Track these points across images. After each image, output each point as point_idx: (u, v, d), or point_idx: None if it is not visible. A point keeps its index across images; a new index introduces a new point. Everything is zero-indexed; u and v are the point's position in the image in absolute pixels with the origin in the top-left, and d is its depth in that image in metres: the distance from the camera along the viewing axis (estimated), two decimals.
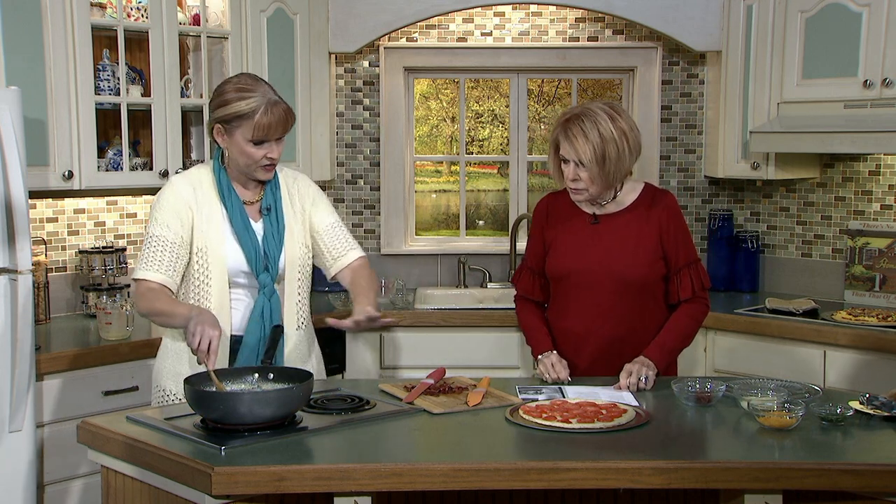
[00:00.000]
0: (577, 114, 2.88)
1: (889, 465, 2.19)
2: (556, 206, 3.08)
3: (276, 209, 2.84)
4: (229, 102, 2.70)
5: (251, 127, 2.69)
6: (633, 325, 2.96)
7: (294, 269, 2.86)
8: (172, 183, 2.83)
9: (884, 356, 3.64)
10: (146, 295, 2.72)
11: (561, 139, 2.90)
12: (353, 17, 4.50)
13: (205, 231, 2.77)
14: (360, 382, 3.00)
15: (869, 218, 4.33)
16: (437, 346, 4.09)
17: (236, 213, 2.79)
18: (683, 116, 4.76)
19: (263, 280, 2.79)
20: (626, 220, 2.98)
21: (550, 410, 2.51)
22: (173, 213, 2.76)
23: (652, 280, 2.97)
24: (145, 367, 3.50)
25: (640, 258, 2.94)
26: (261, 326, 2.78)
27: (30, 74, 3.48)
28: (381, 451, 2.30)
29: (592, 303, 2.96)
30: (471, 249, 4.85)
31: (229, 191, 2.80)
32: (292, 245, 2.85)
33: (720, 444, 2.41)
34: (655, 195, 3.02)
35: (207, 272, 2.78)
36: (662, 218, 2.97)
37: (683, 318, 2.99)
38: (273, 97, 2.73)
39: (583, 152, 2.84)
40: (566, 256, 3.00)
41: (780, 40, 4.18)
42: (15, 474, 3.09)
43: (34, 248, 3.58)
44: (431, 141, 5.54)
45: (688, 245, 3.01)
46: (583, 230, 3.00)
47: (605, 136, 2.84)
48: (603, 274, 2.94)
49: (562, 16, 4.72)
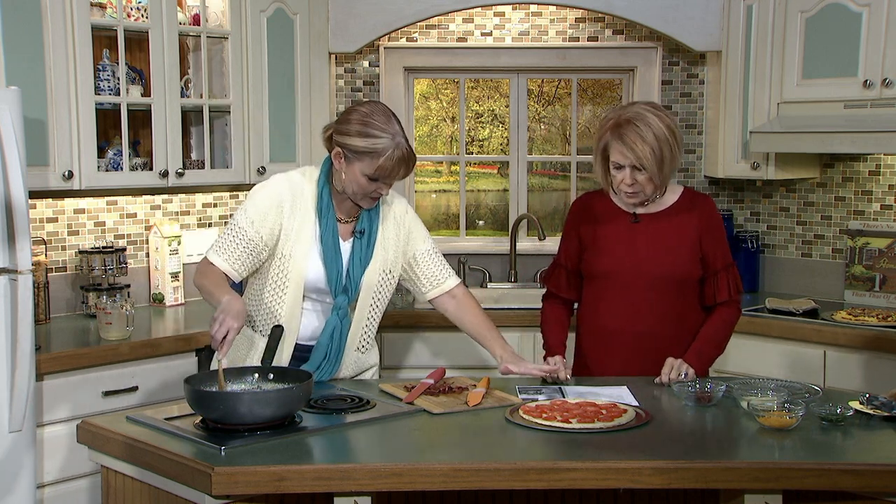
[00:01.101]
0: (628, 118, 2.85)
1: (889, 465, 2.19)
2: (594, 206, 3.06)
3: (370, 234, 2.86)
4: (356, 135, 2.70)
5: (374, 166, 2.70)
6: (667, 326, 2.97)
7: (369, 294, 2.89)
8: (275, 182, 2.83)
9: (884, 356, 3.64)
10: (204, 270, 2.78)
11: (614, 144, 2.86)
12: (353, 17, 4.50)
13: (293, 240, 2.79)
14: (360, 382, 3.01)
15: (869, 218, 4.33)
16: (437, 346, 4.09)
17: (329, 232, 2.80)
18: (683, 116, 4.76)
19: (340, 302, 2.82)
20: (666, 221, 2.99)
21: (550, 410, 2.51)
22: (263, 212, 2.78)
23: (690, 281, 2.98)
24: (145, 367, 3.51)
25: (679, 258, 2.95)
26: (327, 346, 2.82)
27: (30, 74, 3.48)
28: (381, 451, 2.30)
29: (630, 301, 2.96)
30: (471, 249, 4.85)
31: (328, 208, 2.81)
32: (373, 271, 2.87)
33: (720, 444, 2.41)
34: (695, 198, 3.04)
35: (286, 280, 2.80)
36: (703, 220, 2.98)
37: (720, 324, 3.01)
38: (402, 141, 2.72)
39: (643, 156, 2.82)
40: (606, 254, 2.99)
41: (780, 40, 4.18)
42: (15, 474, 3.09)
43: (34, 248, 3.58)
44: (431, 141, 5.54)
45: (725, 249, 3.02)
46: (623, 229, 3.00)
47: (659, 137, 2.83)
48: (642, 273, 2.95)
49: (562, 16, 4.72)
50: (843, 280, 4.36)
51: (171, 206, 4.34)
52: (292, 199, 2.80)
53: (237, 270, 2.78)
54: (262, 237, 2.78)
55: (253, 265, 2.81)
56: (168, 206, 4.33)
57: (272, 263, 2.82)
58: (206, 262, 2.79)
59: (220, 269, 2.77)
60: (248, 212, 2.79)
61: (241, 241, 2.77)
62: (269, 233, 2.78)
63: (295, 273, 2.80)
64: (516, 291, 4.64)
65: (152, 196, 4.27)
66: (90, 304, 3.89)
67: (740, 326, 4.00)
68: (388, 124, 2.72)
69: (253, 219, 2.77)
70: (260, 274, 2.86)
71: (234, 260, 2.77)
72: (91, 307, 3.87)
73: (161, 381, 3.52)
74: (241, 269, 2.79)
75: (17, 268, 3.07)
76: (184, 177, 3.94)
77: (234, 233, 2.78)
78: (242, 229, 2.78)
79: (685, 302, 3.00)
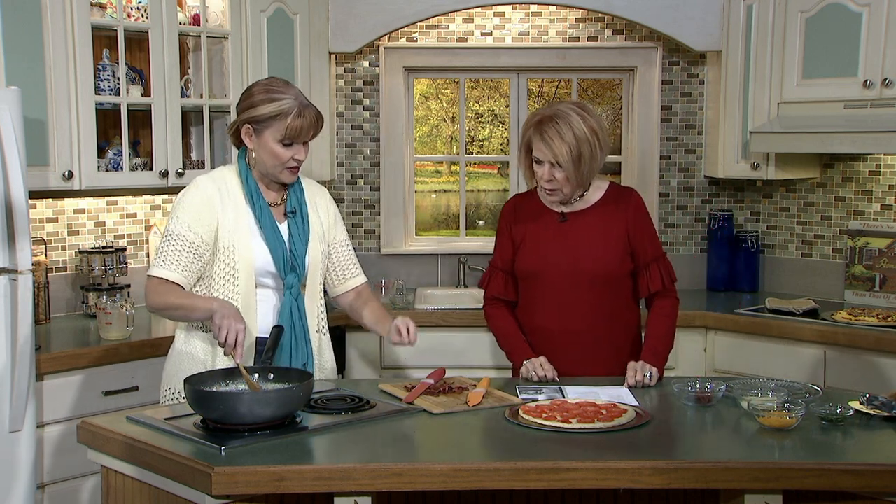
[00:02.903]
0: (550, 115, 2.90)
1: (889, 465, 2.19)
2: (524, 206, 3.11)
3: (302, 212, 2.87)
4: (261, 103, 2.73)
5: (282, 128, 2.72)
6: (603, 321, 3.00)
7: (316, 270, 2.90)
8: (197, 183, 2.83)
9: (884, 356, 3.64)
10: (158, 289, 2.73)
11: (535, 140, 2.92)
12: (353, 17, 4.50)
13: (231, 231, 2.78)
14: (360, 382, 3.01)
15: (869, 218, 4.33)
16: (437, 346, 4.09)
17: (264, 214, 2.80)
18: (683, 116, 4.76)
19: (290, 281, 2.81)
20: (593, 217, 3.02)
21: (550, 410, 2.51)
22: (196, 214, 2.76)
23: (620, 275, 3.01)
24: (145, 367, 3.51)
25: (608, 254, 2.99)
26: (290, 327, 2.80)
27: (30, 74, 3.48)
28: (381, 451, 2.30)
29: (563, 300, 3.00)
30: (471, 249, 4.85)
31: (257, 192, 2.81)
32: (315, 247, 2.88)
33: (720, 444, 2.41)
34: (621, 193, 3.07)
35: (234, 272, 2.78)
36: (629, 214, 3.02)
37: (662, 320, 3.04)
38: (304, 100, 2.76)
39: (559, 153, 2.87)
40: (535, 254, 3.03)
41: (780, 40, 4.18)
42: (15, 474, 3.09)
43: (34, 248, 3.58)
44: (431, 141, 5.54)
45: (654, 240, 3.06)
46: (551, 228, 3.03)
47: (578, 136, 2.87)
48: (572, 270, 2.98)
49: (562, 16, 4.72)
50: (843, 280, 4.36)
51: (171, 206, 4.34)
52: (220, 193, 2.80)
53: (187, 279, 2.74)
54: (202, 237, 2.75)
55: (199, 270, 2.78)
56: (168, 206, 4.33)
57: (216, 260, 2.79)
58: (157, 282, 2.73)
59: (173, 282, 2.72)
60: (181, 218, 2.75)
61: (184, 248, 2.73)
62: (208, 231, 2.76)
63: (243, 262, 2.78)
64: None
65: (152, 196, 4.27)
66: (90, 304, 3.89)
67: (741, 326, 4.03)
68: (287, 88, 2.77)
69: (188, 222, 2.74)
70: (205, 276, 2.82)
71: (182, 269, 2.73)
72: (91, 307, 3.87)
73: (161, 381, 3.51)
74: (190, 278, 2.75)
75: (17, 268, 3.07)
76: (184, 177, 3.94)
77: (173, 242, 2.74)
78: (180, 236, 2.73)
79: (619, 296, 3.03)
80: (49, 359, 3.28)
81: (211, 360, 2.81)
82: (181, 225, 2.75)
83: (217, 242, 2.78)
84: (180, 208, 2.78)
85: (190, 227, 2.74)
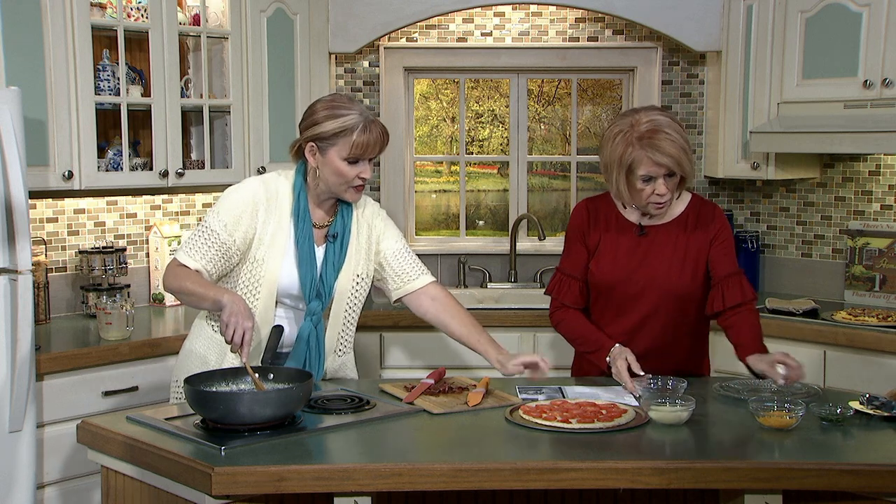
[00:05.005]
0: (652, 128, 2.74)
1: (889, 465, 2.19)
2: (598, 213, 2.97)
3: (343, 238, 2.82)
4: (325, 120, 2.68)
5: (348, 145, 2.67)
6: (672, 336, 2.92)
7: (342, 300, 2.85)
8: (249, 184, 2.79)
9: (884, 356, 3.64)
10: (176, 272, 2.71)
11: (646, 156, 2.73)
12: (353, 17, 4.50)
13: (267, 245, 2.75)
14: (360, 382, 3.00)
15: (869, 218, 4.33)
16: (437, 346, 4.08)
17: (304, 237, 2.76)
18: (683, 116, 4.76)
19: (314, 307, 2.78)
20: (674, 232, 2.91)
21: (550, 410, 2.51)
22: (237, 217, 2.73)
23: (696, 295, 2.92)
24: (145, 367, 3.51)
25: (687, 272, 2.89)
26: (305, 352, 2.78)
27: (30, 74, 3.48)
28: (381, 451, 2.30)
29: (637, 314, 2.90)
30: (471, 249, 4.85)
31: (305, 212, 2.76)
32: (346, 277, 2.83)
33: (720, 444, 2.41)
34: (703, 207, 2.95)
35: (257, 285, 2.76)
36: (711, 231, 2.91)
37: (754, 321, 2.89)
38: (370, 116, 2.71)
39: (681, 160, 2.74)
40: (613, 267, 2.91)
41: (780, 40, 4.18)
42: (15, 474, 3.09)
43: (34, 248, 3.59)
44: (431, 141, 5.53)
45: (732, 257, 2.94)
46: (628, 240, 2.92)
47: (684, 137, 2.77)
48: (650, 286, 2.88)
49: (562, 16, 4.72)
50: (843, 280, 4.36)
51: (171, 207, 4.34)
52: (267, 203, 2.76)
53: (209, 272, 2.72)
54: (236, 241, 2.72)
55: (224, 269, 2.76)
56: (168, 206, 4.33)
57: (243, 268, 2.77)
58: (177, 264, 2.72)
59: (193, 270, 2.71)
60: (221, 214, 2.73)
61: (214, 244, 2.71)
62: (243, 237, 2.73)
63: (268, 278, 2.75)
64: (516, 291, 4.64)
65: (152, 196, 4.27)
66: (90, 304, 3.89)
67: None
68: (353, 103, 2.72)
69: (226, 222, 2.72)
70: (229, 279, 2.80)
71: (207, 261, 2.71)
72: (91, 307, 3.87)
73: (161, 381, 3.52)
74: (213, 272, 2.73)
75: (17, 268, 3.07)
76: (184, 177, 3.94)
77: (205, 235, 2.72)
78: (215, 232, 2.72)
79: (692, 312, 2.94)
80: (49, 359, 3.28)
81: (220, 360, 2.80)
82: (219, 223, 2.72)
83: (249, 250, 2.75)
84: (224, 206, 2.74)
85: (226, 228, 2.72)
